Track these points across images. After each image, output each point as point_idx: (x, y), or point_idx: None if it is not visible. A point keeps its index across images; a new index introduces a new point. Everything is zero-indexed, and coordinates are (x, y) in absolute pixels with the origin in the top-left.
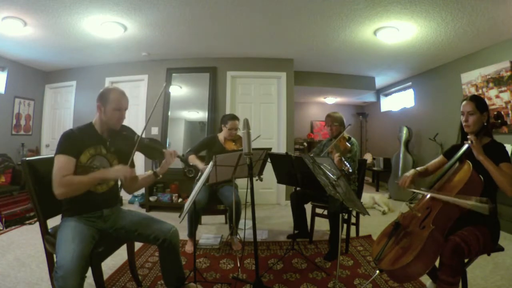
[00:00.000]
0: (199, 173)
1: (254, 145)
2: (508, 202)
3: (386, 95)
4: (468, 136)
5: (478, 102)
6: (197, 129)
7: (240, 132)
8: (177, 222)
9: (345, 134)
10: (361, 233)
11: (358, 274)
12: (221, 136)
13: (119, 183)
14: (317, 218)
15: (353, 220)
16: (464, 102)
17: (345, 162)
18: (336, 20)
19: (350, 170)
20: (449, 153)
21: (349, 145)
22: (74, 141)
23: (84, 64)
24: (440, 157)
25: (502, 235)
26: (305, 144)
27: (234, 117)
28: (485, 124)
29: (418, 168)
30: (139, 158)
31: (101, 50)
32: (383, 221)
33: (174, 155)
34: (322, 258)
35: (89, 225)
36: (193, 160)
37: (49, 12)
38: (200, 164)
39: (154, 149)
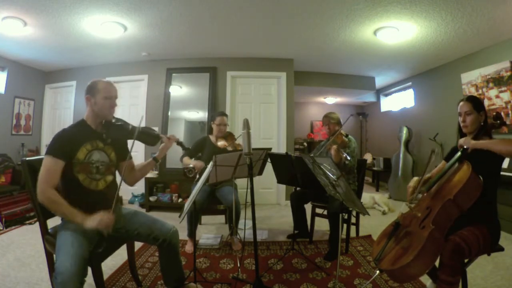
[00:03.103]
0: (195, 172)
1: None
2: (508, 202)
3: (386, 95)
4: (459, 142)
5: (474, 102)
6: (197, 129)
7: (240, 132)
8: (177, 222)
9: (342, 131)
10: (361, 233)
11: (358, 274)
12: (212, 136)
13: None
14: (317, 218)
15: (353, 220)
16: (461, 103)
17: (342, 151)
18: (336, 20)
19: (348, 158)
20: (449, 157)
21: (346, 139)
22: (65, 142)
23: (84, 64)
24: (442, 163)
25: (502, 235)
26: (305, 144)
27: (222, 113)
28: (482, 123)
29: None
30: (139, 150)
31: (101, 50)
32: (383, 221)
33: (172, 139)
34: (322, 258)
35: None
36: (186, 161)
37: (49, 12)
38: (193, 162)
39: (149, 134)
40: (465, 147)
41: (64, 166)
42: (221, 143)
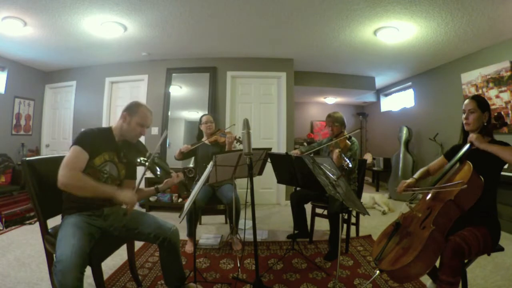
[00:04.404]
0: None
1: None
2: (508, 202)
3: (386, 95)
4: (470, 135)
5: (479, 101)
6: (197, 129)
7: (240, 132)
8: (177, 222)
9: (346, 133)
10: (361, 233)
11: (358, 274)
12: (204, 139)
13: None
14: (317, 218)
15: (353, 220)
16: (466, 101)
17: (345, 158)
18: (336, 20)
19: (350, 165)
20: (449, 154)
21: (349, 143)
22: (94, 140)
23: (84, 64)
24: (440, 158)
25: (502, 235)
26: (305, 144)
27: (205, 114)
28: (485, 124)
29: (415, 176)
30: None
31: (101, 50)
32: (383, 221)
33: (179, 177)
34: (322, 258)
35: (89, 224)
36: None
37: (49, 12)
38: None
39: (162, 168)
40: (474, 143)
41: None
42: (213, 139)
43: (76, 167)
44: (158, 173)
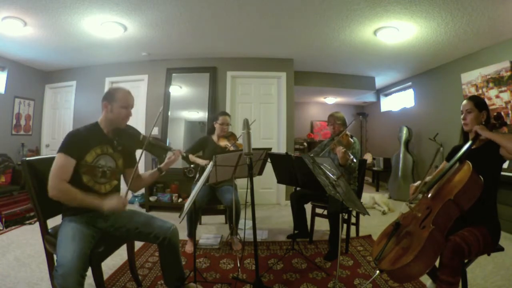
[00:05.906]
0: (199, 170)
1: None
2: (508, 202)
3: (386, 95)
4: (474, 127)
5: (476, 101)
6: (197, 129)
7: (240, 132)
8: (177, 222)
9: (347, 132)
10: (361, 233)
11: (358, 274)
12: (214, 136)
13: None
14: (317, 218)
15: (353, 220)
16: (464, 102)
17: (349, 154)
18: (336, 20)
19: (355, 160)
20: (450, 156)
21: (352, 140)
22: (79, 142)
23: (84, 64)
24: (443, 163)
25: (502, 235)
26: (305, 144)
27: (224, 113)
28: (483, 123)
29: (426, 179)
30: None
31: (101, 50)
32: (383, 221)
33: (179, 154)
34: (322, 258)
35: (89, 225)
36: (193, 158)
37: (49, 12)
38: (201, 161)
39: (159, 147)
40: (478, 132)
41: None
42: (223, 143)
43: (63, 178)
44: (164, 156)
